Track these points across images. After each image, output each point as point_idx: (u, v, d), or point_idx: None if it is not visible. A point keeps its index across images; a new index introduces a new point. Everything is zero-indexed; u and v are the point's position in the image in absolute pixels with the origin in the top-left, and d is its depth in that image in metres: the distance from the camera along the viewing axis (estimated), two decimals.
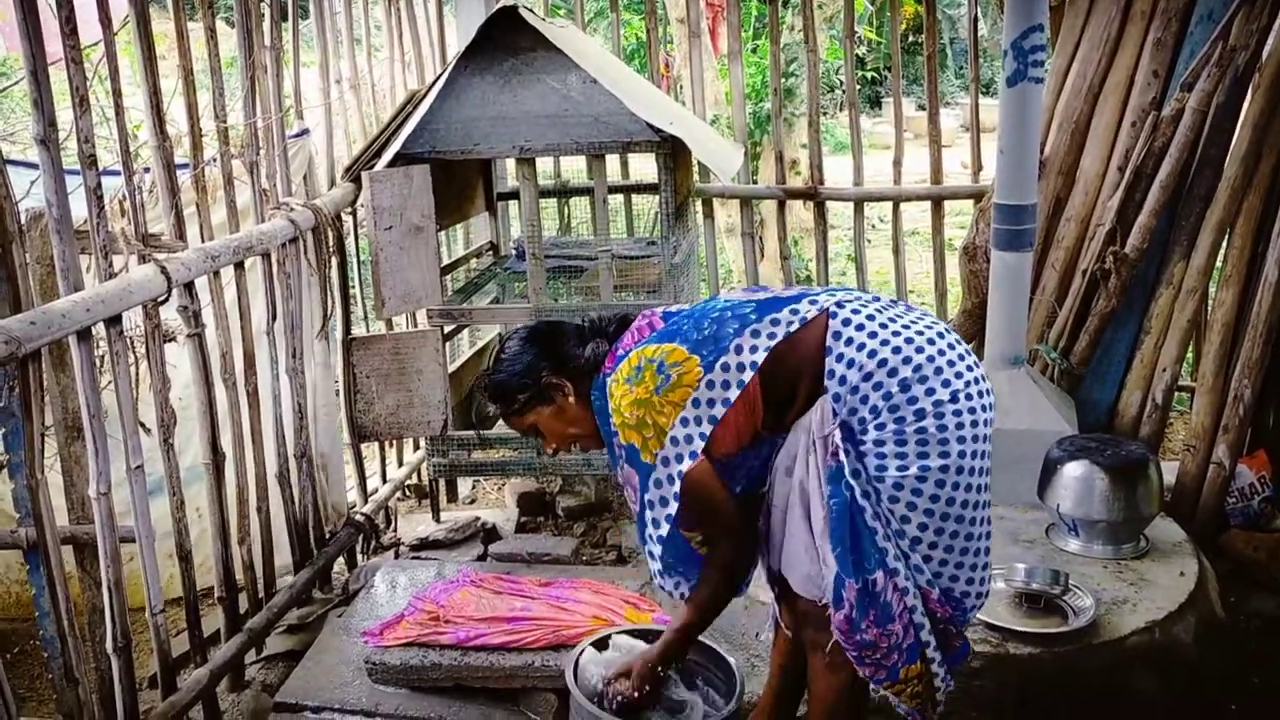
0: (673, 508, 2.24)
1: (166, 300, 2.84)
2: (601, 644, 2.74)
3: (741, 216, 5.57)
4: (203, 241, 3.11)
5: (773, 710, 2.70)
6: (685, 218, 4.51)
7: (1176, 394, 4.21)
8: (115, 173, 2.87)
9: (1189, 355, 4.45)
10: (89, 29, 2.60)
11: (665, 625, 2.93)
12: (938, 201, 5.28)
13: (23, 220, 2.62)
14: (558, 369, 2.39)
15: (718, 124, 7.07)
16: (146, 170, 3.06)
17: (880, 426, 2.18)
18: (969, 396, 2.19)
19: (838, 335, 2.22)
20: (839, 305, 2.26)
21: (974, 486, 2.23)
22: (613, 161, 5.39)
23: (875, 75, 14.68)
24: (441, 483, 4.60)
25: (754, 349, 2.21)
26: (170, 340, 3.01)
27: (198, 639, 3.14)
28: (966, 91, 5.84)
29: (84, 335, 2.51)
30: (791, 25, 7.49)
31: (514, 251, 4.82)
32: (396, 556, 4.11)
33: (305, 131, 3.91)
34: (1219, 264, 3.96)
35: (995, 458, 3.55)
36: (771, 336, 2.22)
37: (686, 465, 2.21)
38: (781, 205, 5.49)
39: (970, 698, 2.80)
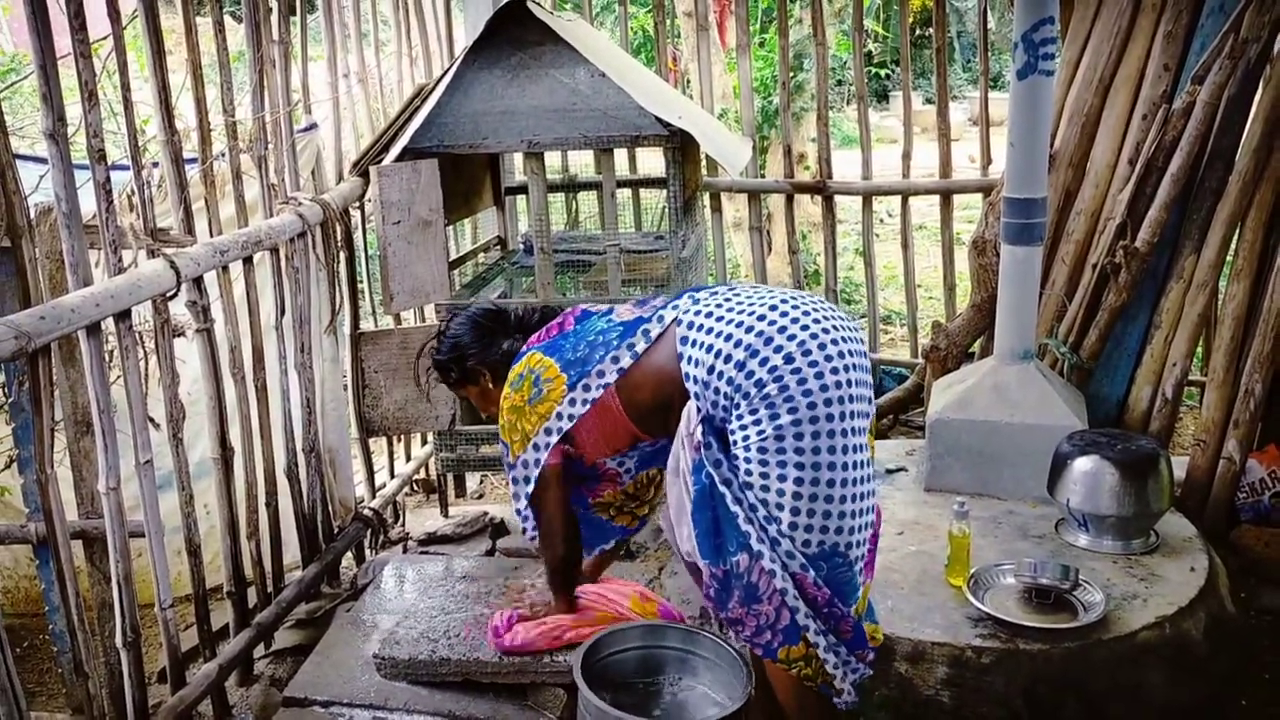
0: (523, 502, 2.74)
1: (175, 295, 2.84)
2: (608, 641, 2.74)
3: (749, 210, 5.57)
4: (211, 236, 3.11)
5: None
6: (693, 212, 4.50)
7: (1187, 389, 4.19)
8: (124, 167, 2.87)
9: (1199, 350, 4.43)
10: (97, 24, 2.60)
11: (671, 619, 2.96)
12: (946, 195, 5.28)
13: (32, 215, 2.63)
14: (481, 357, 2.83)
15: (725, 118, 7.05)
16: (155, 165, 3.06)
17: (735, 408, 2.33)
18: (806, 353, 2.29)
19: (684, 340, 2.44)
20: (684, 313, 2.48)
21: (834, 432, 2.28)
22: (620, 156, 5.39)
23: (884, 69, 14.63)
24: (450, 477, 4.60)
25: (611, 372, 2.52)
26: (179, 335, 3.01)
27: (207, 634, 3.15)
28: (975, 85, 5.82)
29: (93, 330, 2.52)
30: (800, 19, 7.47)
31: (522, 246, 4.82)
32: (405, 551, 4.11)
33: (313, 126, 3.91)
34: (1230, 258, 3.94)
35: (1005, 453, 3.61)
36: (626, 359, 2.52)
37: (540, 470, 2.66)
38: (789, 199, 5.49)
39: (980, 693, 2.80)
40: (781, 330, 2.32)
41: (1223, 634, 3.09)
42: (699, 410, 2.40)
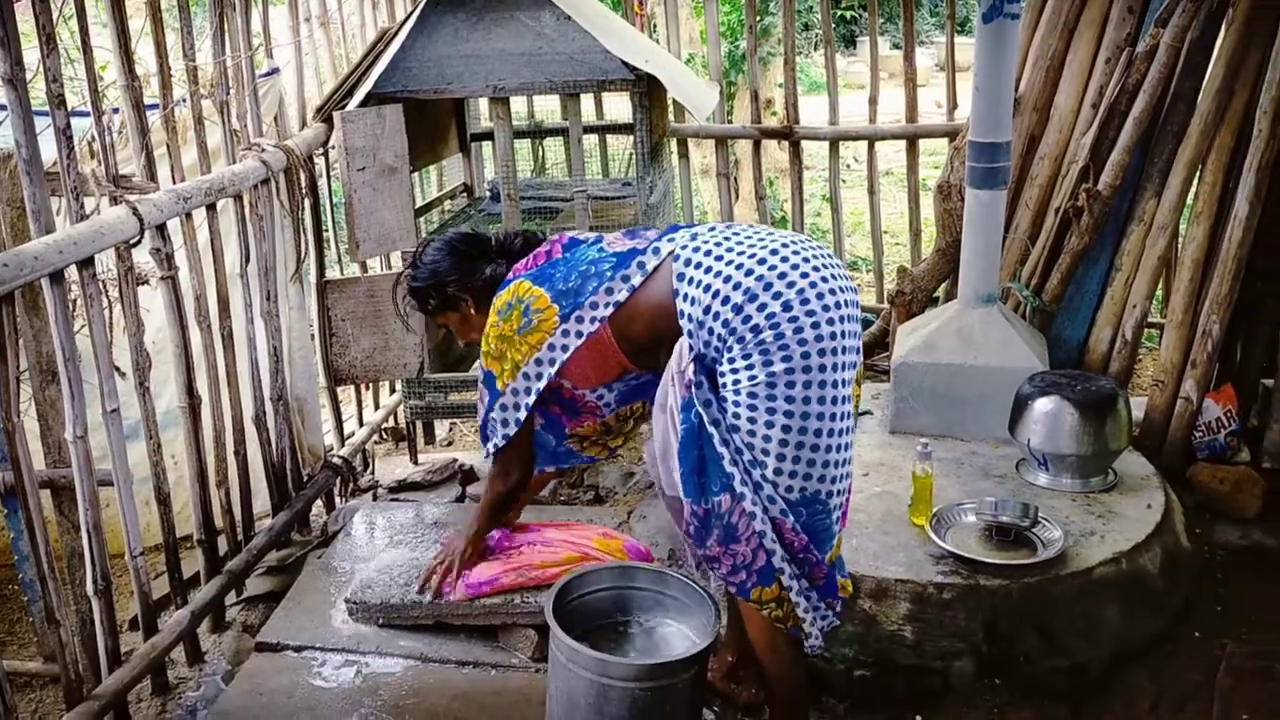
0: (513, 429, 2.65)
1: (139, 242, 2.82)
2: (579, 582, 2.78)
3: (717, 156, 5.56)
4: (174, 183, 3.08)
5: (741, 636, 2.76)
6: (660, 158, 4.49)
7: (1146, 330, 4.26)
8: (84, 113, 2.84)
9: (1159, 292, 4.50)
10: None
11: (637, 554, 3.02)
12: (912, 140, 5.29)
13: None
14: (462, 283, 2.74)
15: (692, 63, 7.00)
16: (115, 111, 3.02)
17: (727, 350, 2.32)
18: (804, 301, 2.29)
19: (681, 277, 2.41)
20: (681, 248, 2.45)
21: (825, 383, 2.30)
22: (587, 101, 5.36)
23: (850, 12, 14.57)
24: (419, 425, 4.61)
25: (606, 304, 2.48)
26: (143, 283, 2.99)
27: (178, 581, 3.17)
28: (942, 30, 5.81)
29: (57, 278, 2.50)
30: None
31: (488, 193, 4.79)
32: (375, 499, 4.13)
33: (275, 70, 3.85)
34: (1190, 200, 3.99)
35: (968, 395, 3.67)
36: (621, 292, 2.48)
37: (532, 398, 2.60)
38: (757, 145, 5.48)
39: (942, 628, 2.87)
40: (782, 276, 2.30)
41: (1178, 568, 3.17)
42: (691, 349, 2.39)
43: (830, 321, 2.29)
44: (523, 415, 2.63)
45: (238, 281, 3.45)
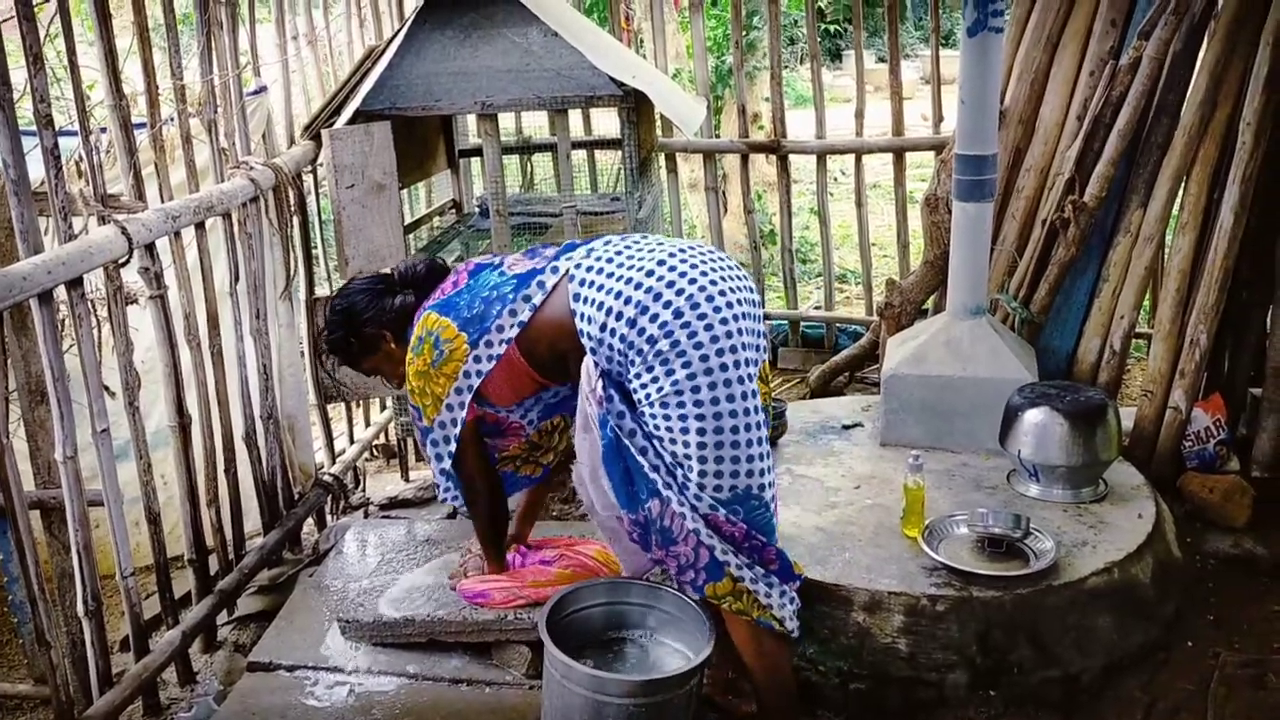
0: (447, 462, 2.73)
1: (128, 262, 2.82)
2: (573, 598, 2.77)
3: (705, 171, 5.58)
4: (162, 202, 3.08)
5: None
6: (649, 173, 4.50)
7: (1134, 340, 4.27)
8: (71, 133, 2.83)
9: (1146, 302, 4.52)
10: None
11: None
12: (899, 153, 5.32)
13: None
14: (377, 319, 2.78)
15: (679, 78, 7.03)
16: (103, 130, 3.02)
17: (631, 365, 2.39)
18: (695, 305, 2.35)
19: (577, 297, 2.49)
20: (575, 266, 2.52)
21: (730, 381, 2.35)
22: (575, 117, 5.37)
23: (835, 25, 14.65)
24: (410, 442, 4.60)
25: (512, 325, 2.54)
26: (132, 302, 2.99)
27: (169, 601, 3.15)
28: (927, 43, 5.85)
29: (45, 298, 2.49)
30: None
31: (477, 209, 4.80)
32: (366, 516, 4.12)
33: (263, 89, 3.86)
34: (1175, 211, 4.01)
35: (958, 406, 3.67)
36: (524, 312, 2.54)
37: (459, 429, 2.67)
38: (744, 159, 5.50)
39: (935, 640, 2.87)
40: (670, 285, 2.37)
41: (1169, 578, 3.18)
42: (596, 365, 2.46)
43: (724, 321, 2.35)
44: (453, 447, 2.70)
45: (227, 300, 3.45)
